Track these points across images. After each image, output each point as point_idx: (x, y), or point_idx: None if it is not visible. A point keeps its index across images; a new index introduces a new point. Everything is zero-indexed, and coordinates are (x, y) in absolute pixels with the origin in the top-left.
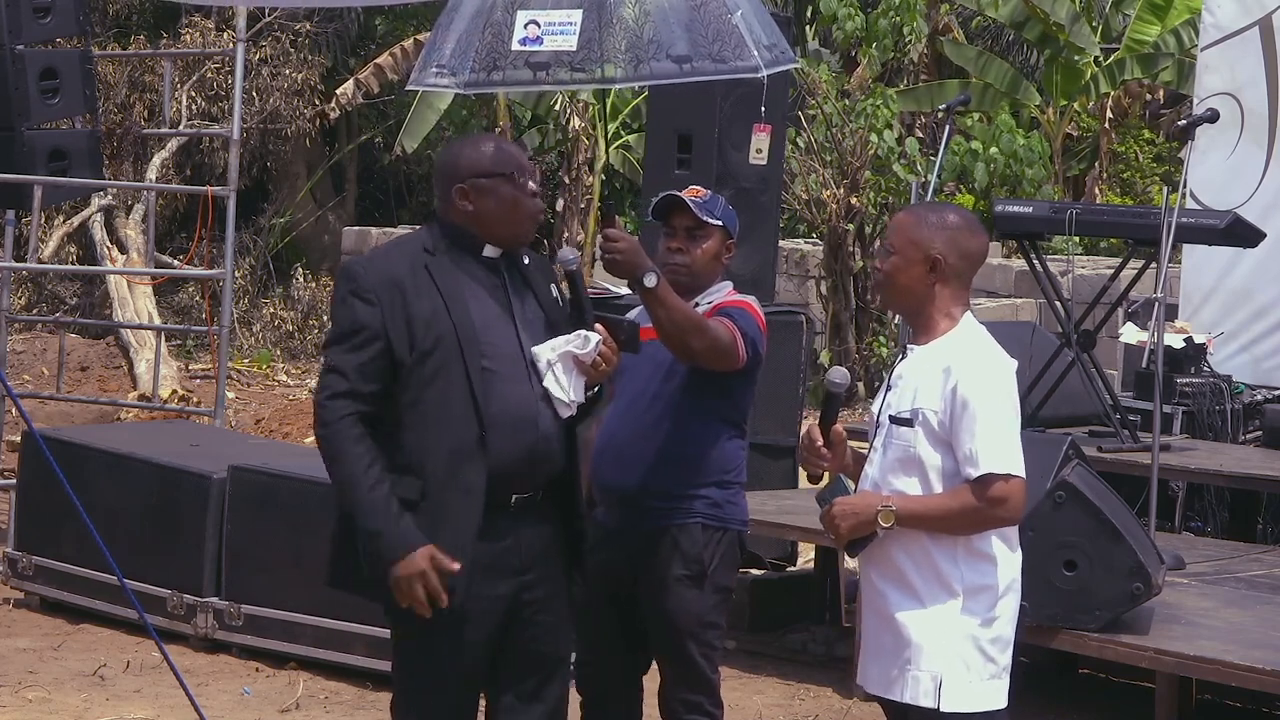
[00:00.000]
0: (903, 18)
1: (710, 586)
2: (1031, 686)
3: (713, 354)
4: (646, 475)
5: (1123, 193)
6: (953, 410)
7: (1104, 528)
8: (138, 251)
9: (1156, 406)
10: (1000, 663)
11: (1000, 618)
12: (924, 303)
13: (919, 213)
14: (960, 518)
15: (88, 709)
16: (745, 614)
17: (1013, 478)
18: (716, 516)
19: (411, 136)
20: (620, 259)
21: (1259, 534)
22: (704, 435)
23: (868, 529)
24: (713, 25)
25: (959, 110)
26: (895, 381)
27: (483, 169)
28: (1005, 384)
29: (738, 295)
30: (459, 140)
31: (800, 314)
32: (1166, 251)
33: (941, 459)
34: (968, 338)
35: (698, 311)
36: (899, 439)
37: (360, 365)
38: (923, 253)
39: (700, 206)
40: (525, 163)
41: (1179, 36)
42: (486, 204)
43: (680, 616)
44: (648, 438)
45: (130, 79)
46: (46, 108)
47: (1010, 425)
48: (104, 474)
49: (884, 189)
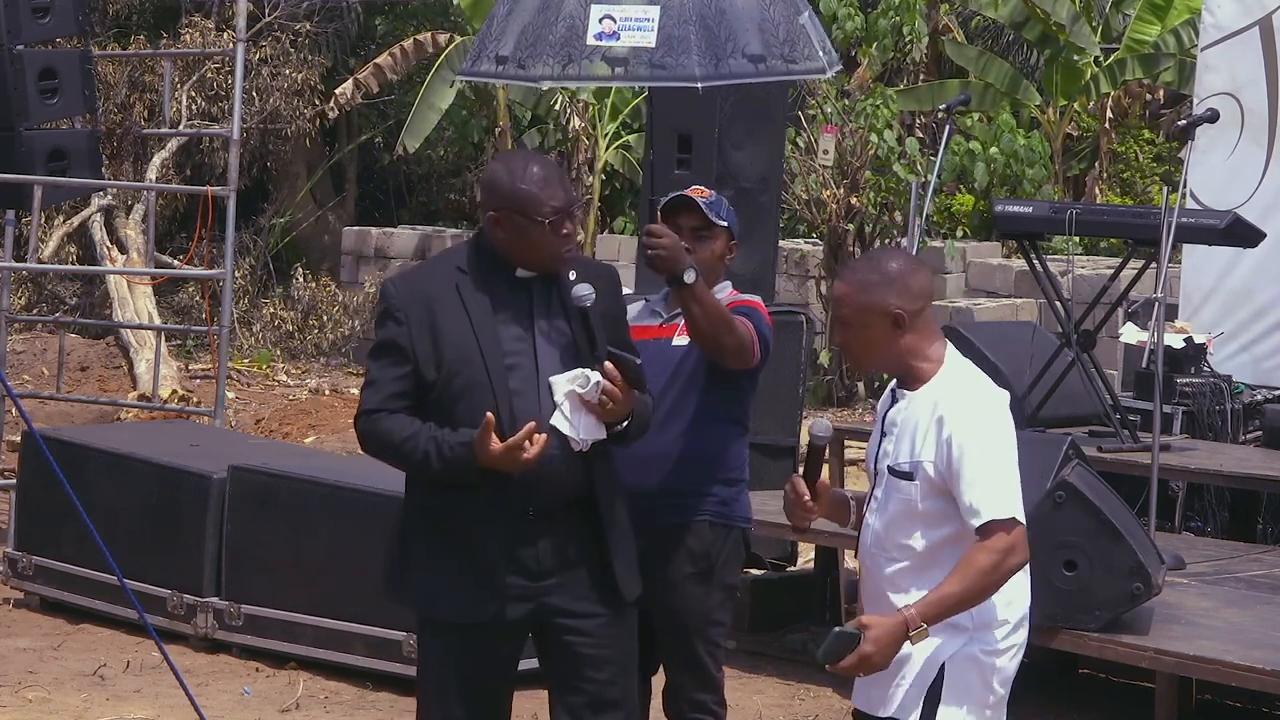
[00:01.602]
0: (902, 18)
1: (716, 584)
2: (1031, 686)
3: (739, 351)
4: (657, 475)
5: (1123, 193)
6: (949, 459)
7: (1104, 528)
8: (138, 251)
9: (1156, 406)
10: (998, 693)
11: (1007, 650)
12: (900, 356)
13: (859, 278)
14: (981, 585)
15: (88, 709)
16: (745, 614)
17: (1016, 524)
18: (724, 514)
19: (413, 136)
20: (664, 254)
21: (1259, 534)
22: (712, 434)
23: (900, 647)
24: (783, 26)
25: (959, 110)
26: (889, 429)
27: (518, 205)
28: (997, 422)
29: (743, 295)
30: (510, 157)
31: (800, 314)
32: (1166, 251)
33: (944, 506)
34: (954, 378)
35: (727, 309)
36: (900, 492)
37: (392, 380)
38: (880, 313)
39: (709, 207)
40: (565, 204)
41: (1179, 36)
42: (515, 238)
43: (687, 615)
44: (657, 437)
45: (130, 79)
46: (46, 108)
47: (1006, 466)
48: (104, 474)
49: (884, 189)
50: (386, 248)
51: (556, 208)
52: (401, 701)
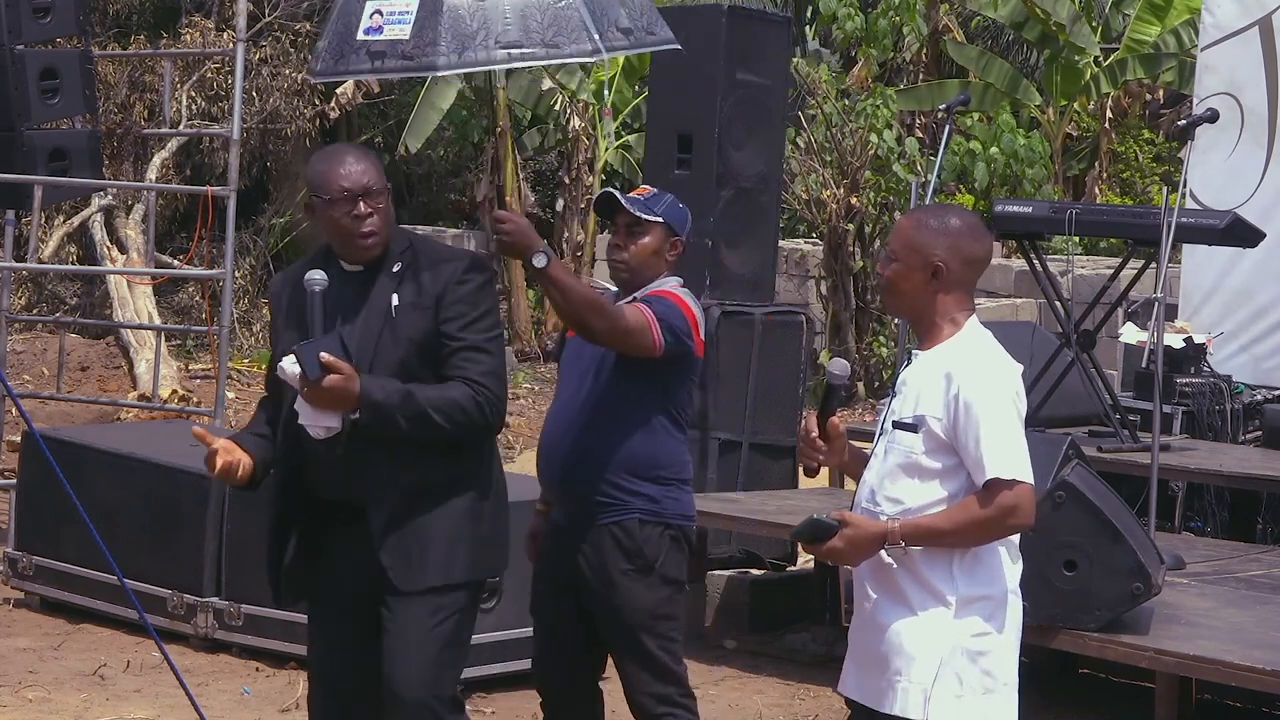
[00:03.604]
0: (902, 18)
1: (658, 579)
2: (1031, 686)
3: (617, 335)
4: (581, 473)
5: (1123, 193)
6: (955, 417)
7: (1104, 528)
8: (138, 251)
9: (1156, 406)
10: (999, 677)
11: (999, 629)
12: (927, 309)
13: (921, 217)
14: (971, 530)
15: (88, 709)
16: (745, 614)
17: (1020, 483)
18: (654, 512)
19: (414, 136)
20: (509, 239)
21: (1259, 534)
22: (639, 434)
23: (874, 553)
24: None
25: (959, 110)
26: (900, 388)
27: (314, 185)
28: (1008, 388)
29: (668, 288)
30: (329, 147)
31: (800, 314)
32: (1166, 251)
33: (943, 465)
34: (971, 343)
35: (597, 292)
36: (901, 444)
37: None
38: (924, 259)
39: (637, 203)
40: (355, 186)
41: (1179, 36)
42: (320, 222)
43: (631, 612)
44: (580, 435)
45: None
46: (46, 108)
47: (1015, 429)
48: (104, 474)
49: (884, 189)
50: None
51: (345, 187)
52: None
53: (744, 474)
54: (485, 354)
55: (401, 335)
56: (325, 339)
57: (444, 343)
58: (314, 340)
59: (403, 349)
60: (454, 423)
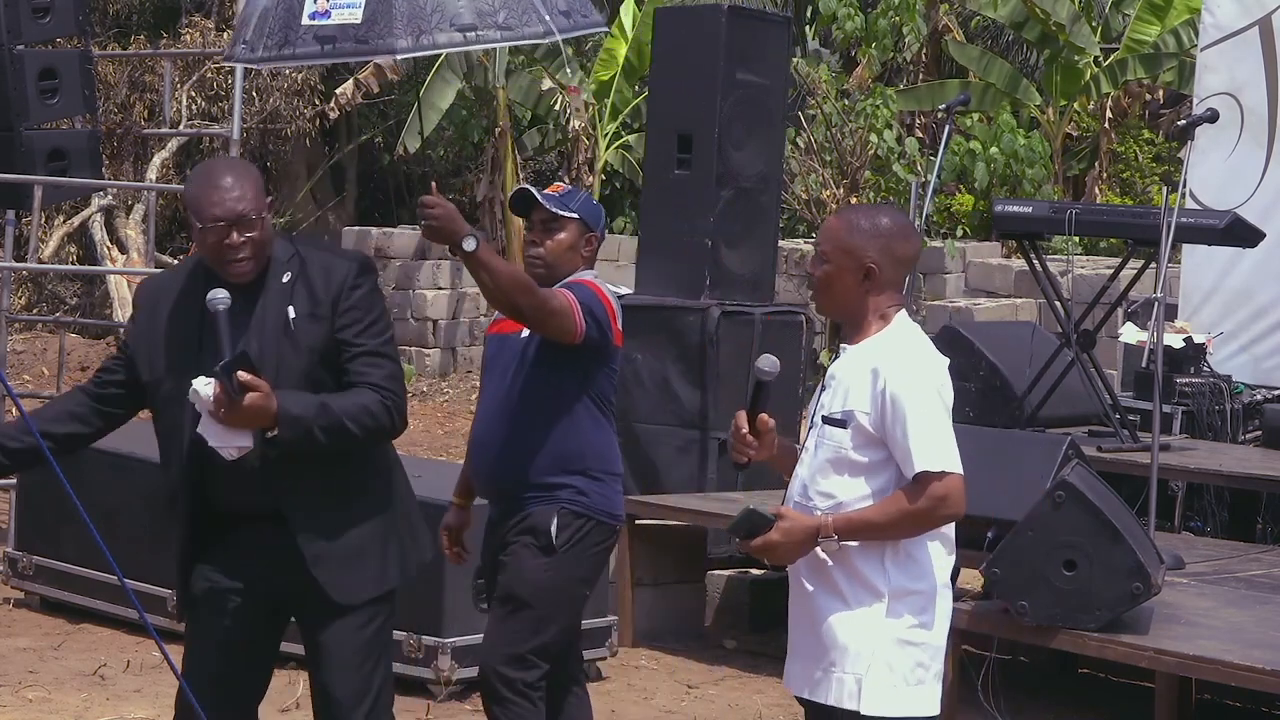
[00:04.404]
0: (902, 18)
1: (560, 565)
2: (1031, 686)
3: (544, 315)
4: (510, 467)
5: (1123, 193)
6: (883, 410)
7: (1104, 528)
8: (138, 251)
9: (1156, 406)
10: (930, 668)
11: (929, 622)
12: (858, 308)
13: (852, 219)
14: (903, 522)
15: (88, 709)
16: (745, 614)
17: (949, 474)
18: (579, 504)
19: (414, 136)
20: (437, 224)
21: (1259, 534)
22: (564, 424)
23: (808, 551)
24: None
25: (959, 110)
26: (829, 382)
27: (188, 208)
28: (934, 380)
29: (595, 280)
30: (208, 163)
31: (800, 314)
32: (1166, 251)
33: (873, 459)
34: (898, 337)
35: (522, 272)
36: (831, 439)
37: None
38: (857, 261)
39: (552, 199)
40: (226, 214)
41: (1179, 36)
42: (195, 242)
43: (518, 584)
44: (507, 430)
45: (130, 79)
46: (46, 108)
47: (941, 421)
48: (104, 474)
49: (884, 189)
50: (386, 248)
51: (217, 215)
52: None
53: (744, 474)
54: (385, 358)
55: (302, 345)
56: (237, 358)
57: (343, 349)
58: (227, 360)
59: (305, 359)
60: (365, 429)
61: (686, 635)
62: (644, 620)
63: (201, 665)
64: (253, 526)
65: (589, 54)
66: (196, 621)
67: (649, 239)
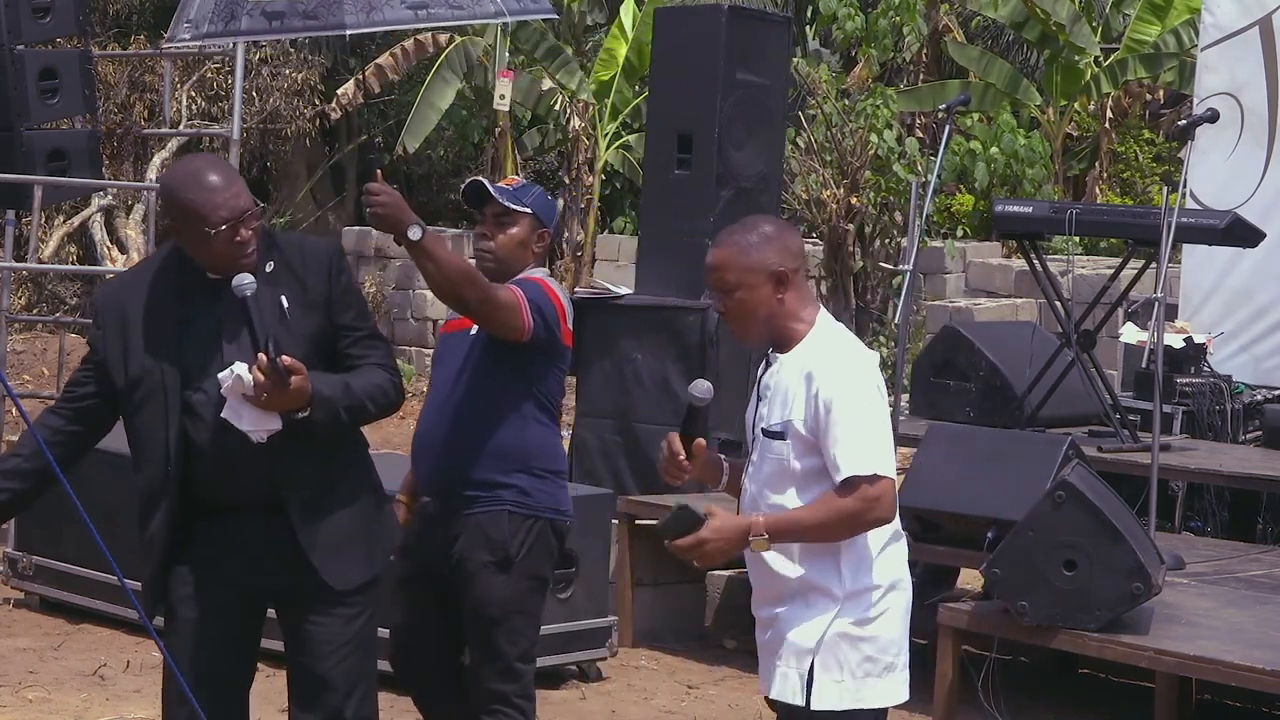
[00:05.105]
0: (902, 18)
1: (519, 574)
2: (1031, 686)
3: (490, 309)
4: (452, 464)
5: (1123, 193)
6: (817, 416)
7: (1104, 528)
8: (138, 251)
9: (1156, 406)
10: (881, 661)
11: (881, 616)
12: (780, 319)
13: (738, 241)
14: (832, 523)
15: (88, 709)
16: (745, 614)
17: (880, 478)
18: (525, 504)
19: (413, 136)
20: (383, 213)
21: (1259, 534)
22: (508, 423)
23: (739, 551)
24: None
25: (959, 110)
26: (764, 392)
27: (188, 217)
28: (865, 381)
29: (545, 279)
30: (184, 164)
31: None
32: (1166, 251)
33: (815, 465)
34: (826, 339)
35: (470, 263)
36: (773, 452)
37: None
38: (766, 273)
39: (505, 193)
40: (234, 213)
41: (1179, 36)
42: (193, 246)
43: (486, 604)
44: (453, 427)
45: (130, 79)
46: (46, 108)
47: (874, 423)
48: (104, 474)
49: (884, 189)
50: (386, 248)
51: (225, 217)
52: (401, 701)
53: None
54: (380, 339)
55: (298, 334)
56: (270, 343)
57: (344, 334)
58: (269, 344)
59: (301, 347)
60: (380, 408)
61: (687, 635)
62: (644, 620)
63: (190, 666)
64: (239, 518)
65: (589, 54)
66: (179, 622)
67: (649, 239)
